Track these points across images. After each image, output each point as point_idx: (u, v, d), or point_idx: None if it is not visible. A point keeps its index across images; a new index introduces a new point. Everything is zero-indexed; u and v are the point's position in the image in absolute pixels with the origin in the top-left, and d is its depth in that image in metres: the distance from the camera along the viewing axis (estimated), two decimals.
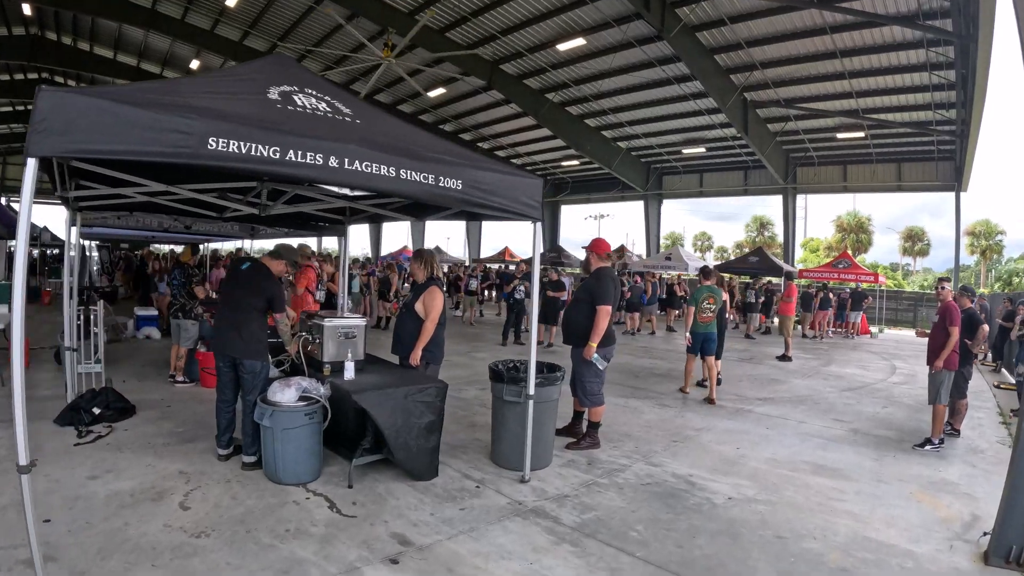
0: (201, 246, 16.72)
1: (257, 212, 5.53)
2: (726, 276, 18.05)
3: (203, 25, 20.62)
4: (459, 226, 37.08)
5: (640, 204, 27.76)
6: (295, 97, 3.80)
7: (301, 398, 4.17)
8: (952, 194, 20.04)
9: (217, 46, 21.01)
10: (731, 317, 18.57)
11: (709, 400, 7.32)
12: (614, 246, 5.91)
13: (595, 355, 5.06)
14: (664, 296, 18.54)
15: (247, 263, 4.76)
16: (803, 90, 17.96)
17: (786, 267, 18.65)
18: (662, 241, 31.28)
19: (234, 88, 3.57)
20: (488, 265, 22.46)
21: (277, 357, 4.90)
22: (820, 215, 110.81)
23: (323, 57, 21.10)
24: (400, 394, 4.16)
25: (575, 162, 27.07)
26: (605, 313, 5.08)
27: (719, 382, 7.85)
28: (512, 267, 15.82)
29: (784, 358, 11.35)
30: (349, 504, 3.79)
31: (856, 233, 46.28)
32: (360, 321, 4.90)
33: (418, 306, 4.86)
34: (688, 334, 7.67)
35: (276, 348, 4.89)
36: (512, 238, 59.54)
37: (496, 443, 4.78)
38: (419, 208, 5.73)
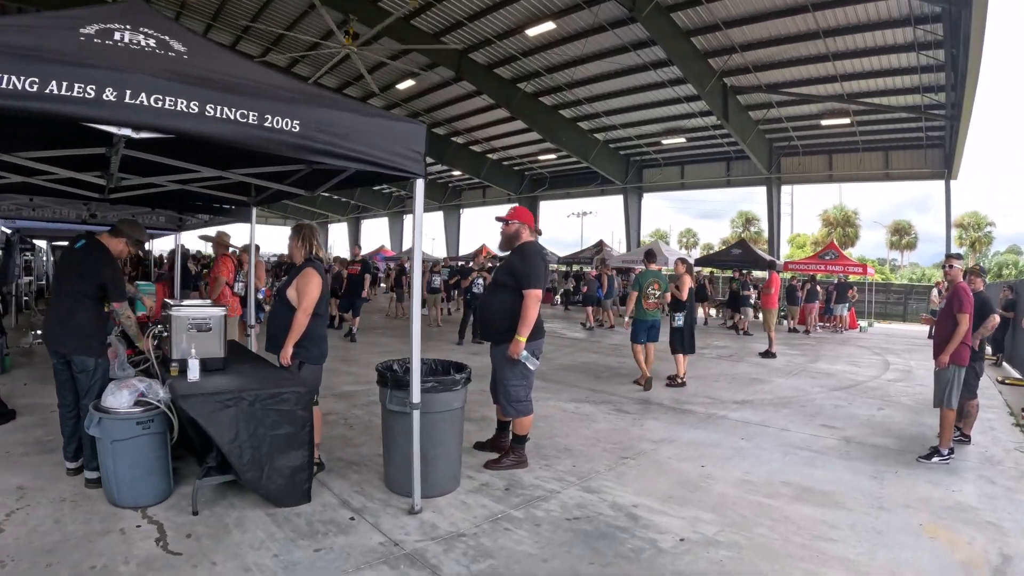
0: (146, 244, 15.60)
1: (104, 184, 4.44)
2: (705, 270, 17.14)
3: None
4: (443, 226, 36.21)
5: (621, 199, 26.87)
6: (116, 33, 2.87)
7: (138, 403, 3.34)
8: (940, 185, 19.32)
9: None
10: (712, 313, 17.71)
11: (641, 384, 7.13)
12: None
13: (523, 352, 4.03)
14: None
15: (82, 240, 3.90)
16: (785, 74, 17.16)
17: (768, 258, 17.77)
18: (647, 238, 30.46)
19: (36, 23, 2.75)
20: (458, 262, 21.40)
21: (139, 355, 4.19)
22: (806, 211, 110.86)
23: (288, 49, 20.14)
24: (245, 400, 3.23)
25: (552, 156, 26.15)
26: (535, 299, 4.06)
27: (684, 378, 7.48)
28: (471, 262, 14.80)
29: (767, 354, 10.39)
30: (182, 537, 3.00)
31: (843, 227, 45.58)
32: (218, 311, 3.86)
33: (290, 292, 3.81)
34: (627, 319, 7.50)
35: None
36: (490, 238, 58.59)
37: (387, 463, 3.73)
38: (313, 178, 4.67)
